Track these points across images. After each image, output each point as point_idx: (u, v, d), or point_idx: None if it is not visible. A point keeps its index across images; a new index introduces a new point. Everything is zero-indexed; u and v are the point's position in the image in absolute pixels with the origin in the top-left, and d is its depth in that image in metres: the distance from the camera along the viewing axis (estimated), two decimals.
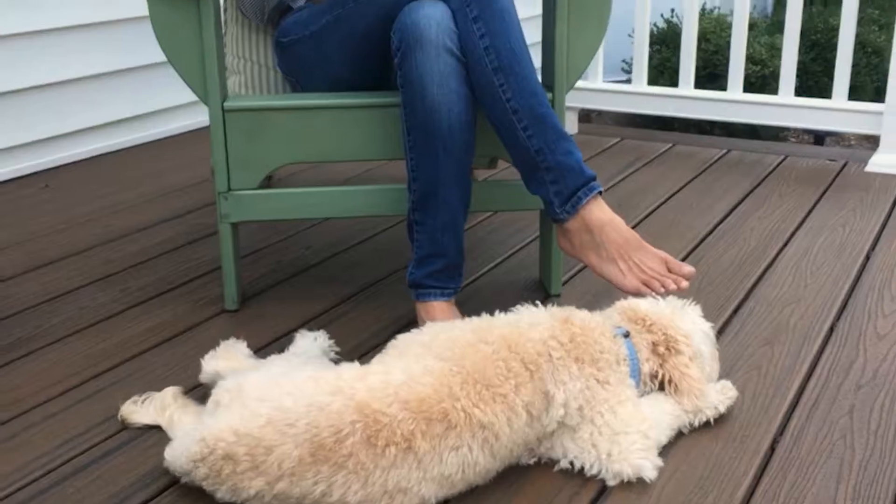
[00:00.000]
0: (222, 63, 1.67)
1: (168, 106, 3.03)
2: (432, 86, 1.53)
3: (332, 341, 1.56)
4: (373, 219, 2.18)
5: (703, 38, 4.82)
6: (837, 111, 2.71)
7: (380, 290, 1.87)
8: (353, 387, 1.17)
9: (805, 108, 2.76)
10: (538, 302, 1.37)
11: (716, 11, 5.59)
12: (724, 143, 2.98)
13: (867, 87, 5.59)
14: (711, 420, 1.37)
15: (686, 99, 2.88)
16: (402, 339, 1.32)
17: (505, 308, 1.36)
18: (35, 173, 2.66)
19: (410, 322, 1.70)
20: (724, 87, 2.86)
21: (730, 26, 4.76)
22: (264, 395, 1.19)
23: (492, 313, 1.34)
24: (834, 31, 5.03)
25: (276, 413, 1.16)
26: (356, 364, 1.27)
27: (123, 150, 2.92)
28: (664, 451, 1.30)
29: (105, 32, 2.81)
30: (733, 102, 2.83)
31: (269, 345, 1.64)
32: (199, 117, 3.11)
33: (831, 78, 2.73)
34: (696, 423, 1.36)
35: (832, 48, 2.98)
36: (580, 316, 1.33)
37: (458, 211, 1.62)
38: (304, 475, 1.14)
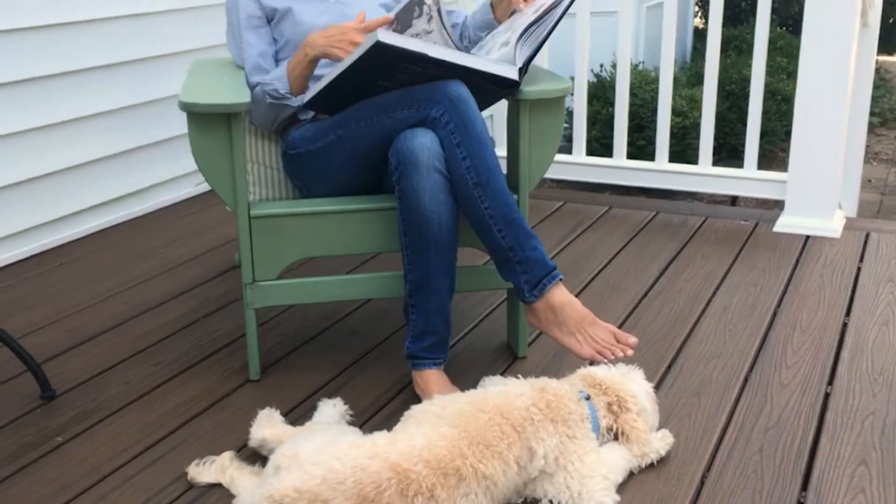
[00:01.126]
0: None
1: (162, 180, 3.36)
2: (425, 198, 1.91)
3: (346, 406, 1.92)
4: None
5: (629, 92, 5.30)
6: (748, 180, 3.17)
7: (377, 357, 2.23)
8: (387, 451, 1.53)
9: (721, 178, 3.22)
10: (520, 375, 1.76)
11: (640, 66, 6.09)
12: (653, 204, 3.41)
13: (778, 131, 6.15)
14: (654, 462, 1.76)
15: (620, 169, 3.32)
16: (416, 409, 1.68)
17: (482, 370, 1.73)
18: (48, 251, 2.95)
19: (406, 385, 2.06)
20: (648, 138, 3.29)
21: (653, 80, 5.25)
22: (317, 460, 1.54)
23: (472, 375, 1.72)
24: (747, 81, 5.56)
25: (328, 474, 1.51)
26: (385, 433, 1.63)
27: (127, 222, 3.22)
28: (620, 488, 1.69)
29: (103, 122, 3.12)
30: (661, 172, 3.28)
31: (292, 410, 1.98)
32: (185, 189, 3.44)
33: (745, 124, 3.15)
34: (643, 465, 1.76)
35: (745, 97, 3.42)
36: (552, 385, 1.72)
37: (445, 296, 1.99)
38: None
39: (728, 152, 5.64)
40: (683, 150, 4.98)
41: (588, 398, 1.75)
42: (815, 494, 1.69)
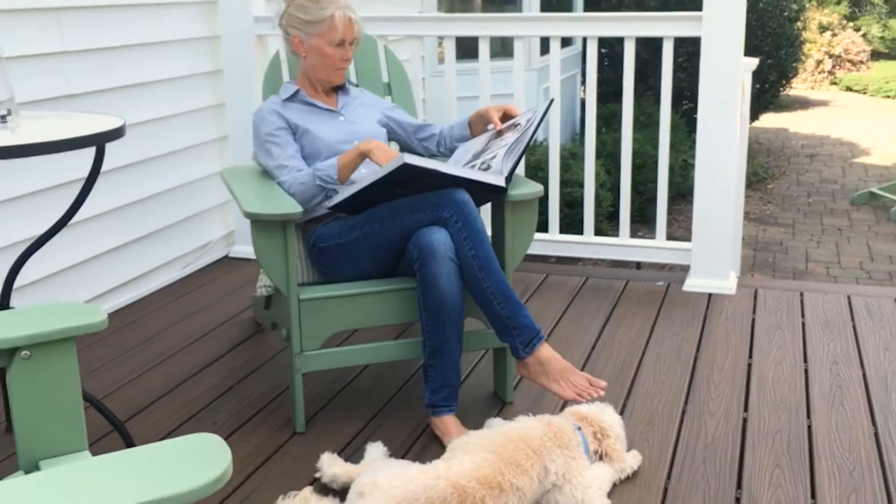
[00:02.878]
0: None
1: (159, 264, 3.80)
2: (441, 281, 2.47)
3: (385, 448, 2.44)
4: None
5: (538, 167, 6.01)
6: (660, 249, 3.85)
7: (394, 409, 2.75)
8: (447, 473, 2.06)
9: (638, 247, 3.89)
10: (531, 413, 2.32)
11: (544, 143, 6.82)
12: (582, 271, 4.05)
13: (684, 188, 6.89)
14: (630, 475, 2.35)
15: (555, 242, 3.95)
16: (459, 442, 2.22)
17: (480, 414, 2.29)
18: None
19: (424, 430, 2.59)
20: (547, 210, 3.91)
21: (570, 156, 5.96)
22: (394, 484, 2.06)
23: (473, 418, 2.28)
24: (649, 155, 6.33)
25: (405, 494, 2.03)
26: (440, 461, 2.16)
27: (132, 304, 3.65)
28: (608, 495, 2.26)
29: (120, 215, 3.56)
30: (588, 244, 3.93)
31: (340, 453, 2.48)
32: (175, 272, 3.89)
33: (637, 192, 3.82)
34: (622, 478, 2.34)
35: (635, 168, 4.08)
36: (555, 420, 2.29)
37: (457, 356, 2.54)
38: None
39: (609, 216, 6.36)
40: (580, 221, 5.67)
41: (580, 429, 2.32)
42: (747, 491, 2.30)
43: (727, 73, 3.47)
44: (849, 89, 14.14)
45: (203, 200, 4.10)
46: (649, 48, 7.27)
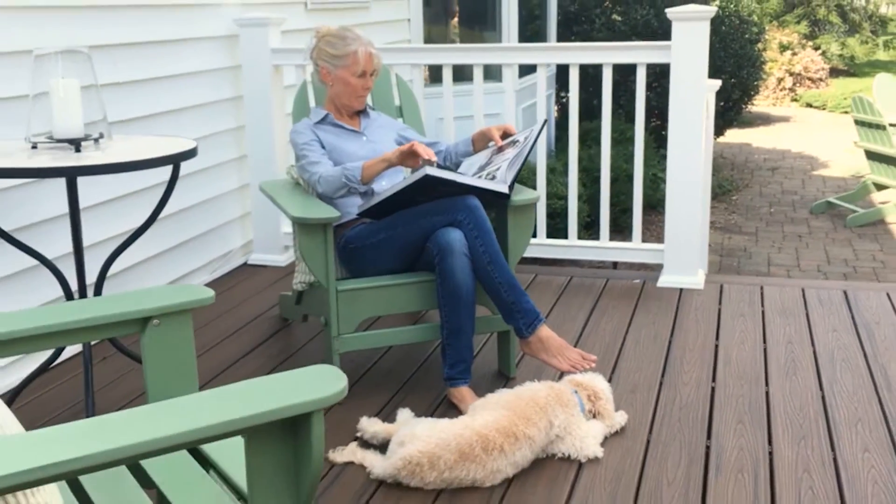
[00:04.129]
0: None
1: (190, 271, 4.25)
2: (457, 274, 2.94)
3: (412, 413, 2.89)
4: None
5: (522, 181, 6.48)
6: (636, 250, 4.35)
7: (415, 384, 3.21)
8: (472, 425, 2.53)
9: (616, 249, 4.39)
10: (543, 374, 2.80)
11: (527, 160, 7.29)
12: (567, 271, 4.53)
13: (653, 198, 7.41)
14: (618, 430, 2.82)
15: (543, 246, 4.44)
16: (479, 402, 2.69)
17: (488, 387, 2.77)
18: None
19: (443, 400, 3.05)
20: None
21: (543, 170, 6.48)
22: (430, 433, 2.52)
23: (483, 391, 2.76)
24: (622, 169, 6.84)
25: (438, 441, 2.49)
26: (466, 416, 2.62)
27: None
28: (601, 446, 2.73)
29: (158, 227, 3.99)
30: (572, 247, 4.42)
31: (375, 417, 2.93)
32: (202, 277, 4.32)
33: (628, 195, 4.33)
34: (611, 433, 2.81)
35: (625, 181, 4.57)
36: (556, 385, 2.76)
37: (470, 336, 3.01)
38: (455, 468, 2.47)
39: (586, 226, 6.87)
40: (564, 228, 6.18)
41: (576, 392, 2.80)
42: (715, 440, 2.79)
43: (693, 94, 3.98)
44: (809, 105, 14.81)
45: (225, 213, 4.54)
46: (620, 71, 7.81)
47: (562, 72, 8.46)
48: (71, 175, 2.54)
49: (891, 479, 2.55)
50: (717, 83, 4.51)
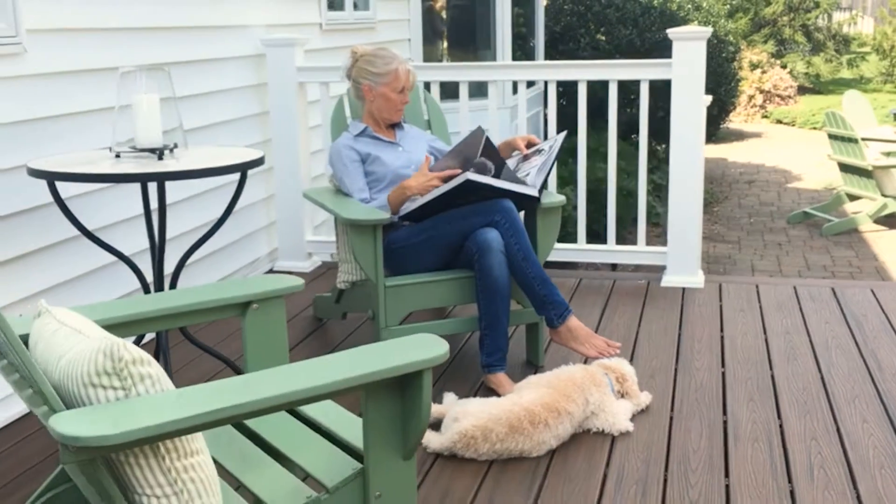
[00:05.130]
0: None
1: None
2: (495, 270, 3.24)
3: (457, 396, 3.18)
4: None
5: None
6: (641, 252, 4.68)
7: (453, 373, 3.49)
8: (519, 401, 2.83)
9: (623, 252, 4.72)
10: (571, 362, 3.10)
11: None
12: (575, 274, 4.85)
13: (626, 217, 7.79)
14: (644, 408, 3.13)
15: (554, 249, 4.75)
16: (523, 383, 2.99)
17: (521, 375, 3.07)
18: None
19: (480, 386, 3.34)
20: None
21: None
22: (482, 410, 2.81)
23: (515, 378, 3.06)
24: (601, 181, 7.15)
25: (490, 416, 2.78)
26: (513, 394, 2.92)
27: None
28: (630, 421, 3.04)
29: (196, 234, 4.27)
30: (581, 250, 4.74)
31: None
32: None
33: (604, 214, 4.66)
34: (638, 410, 3.12)
35: (601, 193, 4.89)
36: (590, 368, 3.07)
37: (506, 327, 3.31)
38: (506, 440, 2.77)
39: (589, 234, 7.21)
40: (568, 234, 6.52)
41: (606, 374, 3.11)
42: (731, 415, 3.11)
43: (693, 108, 4.33)
44: (779, 122, 15.33)
45: (253, 222, 4.82)
46: (605, 88, 8.18)
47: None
48: (160, 180, 2.81)
49: (889, 445, 2.88)
50: (709, 98, 4.86)
